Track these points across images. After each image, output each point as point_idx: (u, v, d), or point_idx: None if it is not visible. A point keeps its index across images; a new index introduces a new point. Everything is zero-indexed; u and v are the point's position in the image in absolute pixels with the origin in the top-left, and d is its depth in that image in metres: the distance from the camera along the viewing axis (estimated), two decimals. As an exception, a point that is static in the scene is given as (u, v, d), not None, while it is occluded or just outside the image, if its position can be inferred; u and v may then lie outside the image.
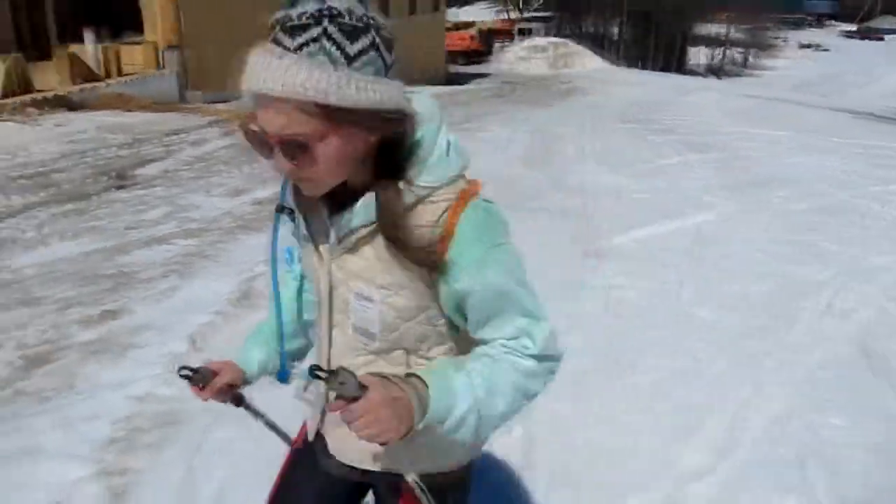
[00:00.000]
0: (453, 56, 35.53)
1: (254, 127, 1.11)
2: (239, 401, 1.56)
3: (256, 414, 1.60)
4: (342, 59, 1.04)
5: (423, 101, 1.21)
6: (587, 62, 36.63)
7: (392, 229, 1.18)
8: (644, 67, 42.87)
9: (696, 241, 6.30)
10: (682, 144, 11.38)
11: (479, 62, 38.31)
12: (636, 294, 5.05)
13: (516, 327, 1.25)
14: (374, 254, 1.23)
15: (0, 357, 3.87)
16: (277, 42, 1.05)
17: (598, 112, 15.99)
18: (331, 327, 1.37)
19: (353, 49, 1.05)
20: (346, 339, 1.35)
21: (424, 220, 1.18)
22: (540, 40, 39.81)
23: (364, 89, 1.06)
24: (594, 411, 3.52)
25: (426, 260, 1.19)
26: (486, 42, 41.49)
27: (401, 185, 1.17)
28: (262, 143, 1.12)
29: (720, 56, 56.11)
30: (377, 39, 1.08)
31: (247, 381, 1.56)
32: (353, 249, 1.25)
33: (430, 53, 27.06)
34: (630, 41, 50.72)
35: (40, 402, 3.46)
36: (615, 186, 8.35)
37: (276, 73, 1.03)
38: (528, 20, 55.64)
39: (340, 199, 1.22)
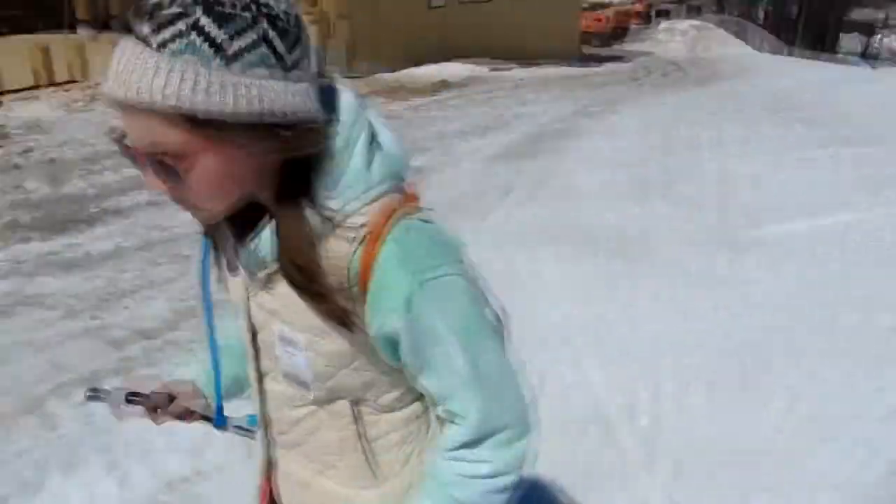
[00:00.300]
0: (588, 37, 34.92)
1: (126, 140, 0.89)
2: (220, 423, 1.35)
3: (247, 431, 1.39)
4: (217, 58, 0.80)
5: (341, 97, 0.96)
6: (728, 46, 35.06)
7: (295, 268, 0.94)
8: (790, 53, 40.56)
9: (844, 240, 5.92)
10: (831, 137, 10.71)
11: (614, 44, 37.51)
12: (775, 291, 4.82)
13: (444, 388, 1.01)
14: (290, 292, 0.98)
15: (153, 309, 4.16)
16: (139, 35, 0.81)
17: (738, 99, 15.28)
18: (260, 376, 1.16)
19: (233, 45, 0.81)
20: (280, 389, 1.13)
21: (336, 254, 0.93)
22: (679, 23, 38.48)
23: (244, 95, 0.82)
24: (726, 408, 3.42)
25: (342, 307, 0.95)
26: (622, 24, 40.56)
27: (305, 209, 0.92)
28: (134, 158, 0.90)
29: (877, 44, 52.50)
30: (271, 32, 0.83)
31: (208, 404, 1.37)
32: (267, 285, 1.02)
33: (563, 33, 26.64)
34: (776, 25, 48.29)
35: (186, 354, 3.70)
36: (755, 177, 7.97)
37: (131, 75, 0.80)
38: (667, 2, 53.86)
39: (251, 222, 0.99)
